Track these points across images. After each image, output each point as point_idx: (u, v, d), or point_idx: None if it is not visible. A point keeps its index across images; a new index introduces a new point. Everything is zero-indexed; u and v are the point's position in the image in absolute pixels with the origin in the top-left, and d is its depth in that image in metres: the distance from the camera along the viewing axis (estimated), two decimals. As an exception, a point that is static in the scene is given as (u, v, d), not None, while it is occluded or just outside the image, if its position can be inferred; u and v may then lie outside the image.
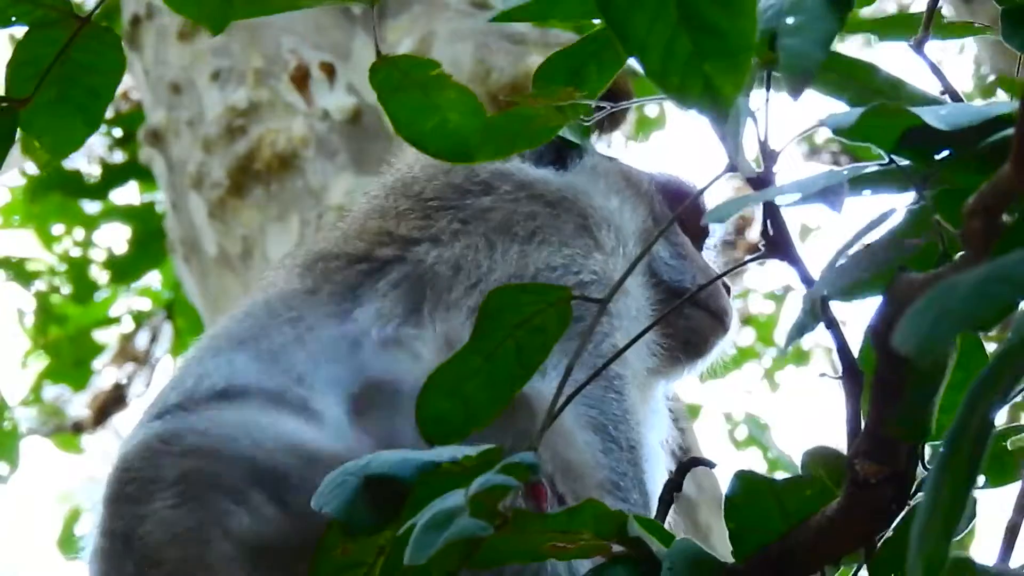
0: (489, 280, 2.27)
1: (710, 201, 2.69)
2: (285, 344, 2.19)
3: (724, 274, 1.93)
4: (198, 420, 2.04)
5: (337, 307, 2.28)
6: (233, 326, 2.28)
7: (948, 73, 1.76)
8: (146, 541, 1.95)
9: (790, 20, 1.41)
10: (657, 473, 2.46)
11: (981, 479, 1.66)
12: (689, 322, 2.55)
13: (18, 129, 1.76)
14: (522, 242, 2.35)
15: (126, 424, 8.92)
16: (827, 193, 1.32)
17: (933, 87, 1.75)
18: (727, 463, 8.58)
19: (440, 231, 2.37)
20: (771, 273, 9.95)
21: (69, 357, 8.43)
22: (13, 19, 1.71)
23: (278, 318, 2.24)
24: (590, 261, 2.37)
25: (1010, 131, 1.27)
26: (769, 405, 10.16)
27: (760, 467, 9.15)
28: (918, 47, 1.75)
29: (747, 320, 9.79)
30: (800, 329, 1.39)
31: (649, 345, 2.44)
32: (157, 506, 1.96)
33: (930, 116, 1.32)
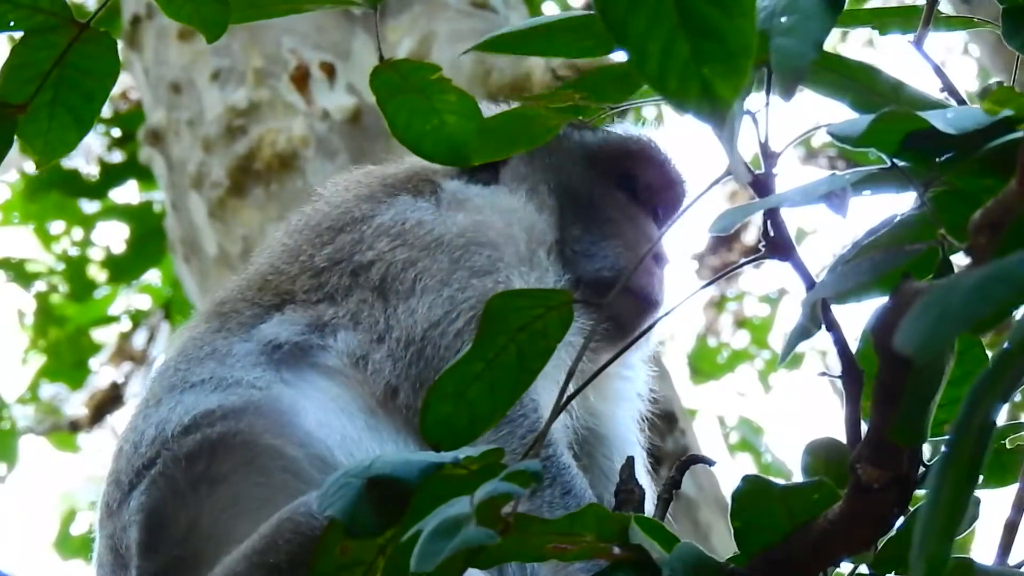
0: (391, 336, 2.39)
1: (707, 207, 2.69)
2: (214, 370, 2.33)
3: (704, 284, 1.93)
4: None
5: (246, 333, 2.47)
6: (158, 384, 2.45)
7: (952, 73, 1.76)
8: None
9: (783, 20, 1.41)
10: (634, 450, 2.48)
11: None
12: (613, 305, 2.51)
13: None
14: (406, 297, 2.46)
15: (121, 423, 8.89)
16: (831, 197, 1.31)
17: (934, 85, 1.75)
18: (722, 467, 8.57)
19: (333, 288, 2.51)
20: (766, 276, 9.95)
21: (68, 357, 8.42)
22: (11, 24, 1.71)
23: (195, 359, 2.42)
24: (468, 292, 2.46)
25: (1014, 135, 1.27)
26: (762, 407, 10.15)
27: (753, 471, 9.12)
28: (918, 44, 1.75)
29: (742, 323, 9.79)
30: (799, 335, 1.39)
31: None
32: None
33: (937, 120, 1.31)
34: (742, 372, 9.80)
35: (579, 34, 1.66)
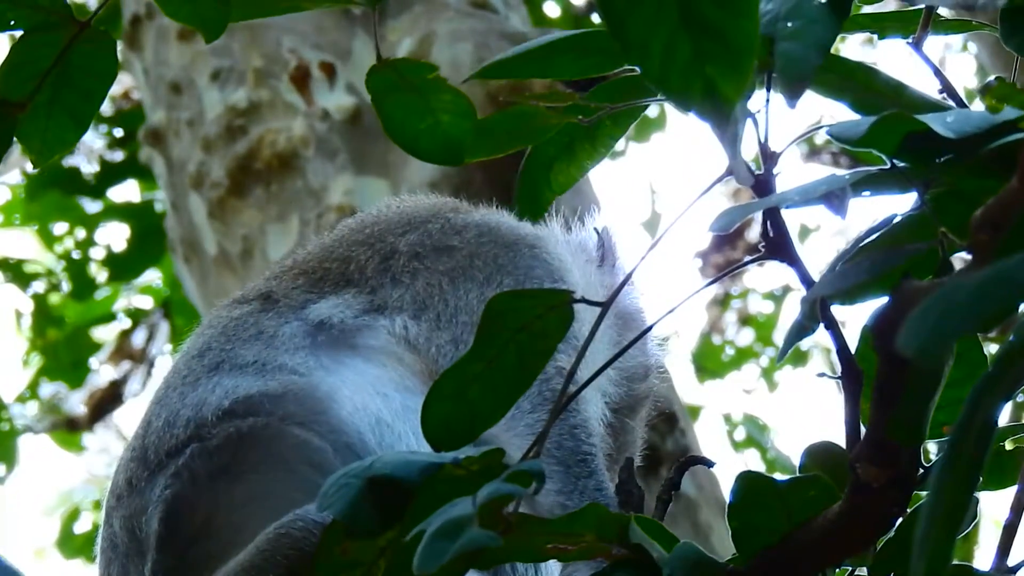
0: (458, 320, 2.40)
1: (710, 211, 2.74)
2: (259, 352, 2.30)
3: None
4: None
5: (294, 313, 2.40)
6: (197, 362, 2.42)
7: (950, 72, 1.77)
8: None
9: (788, 24, 1.41)
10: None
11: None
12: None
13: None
14: (481, 285, 2.52)
15: (123, 422, 8.93)
16: (830, 197, 1.31)
17: (934, 86, 1.75)
18: (726, 464, 8.60)
19: (400, 270, 2.54)
20: (770, 273, 9.96)
21: (67, 357, 8.42)
22: (12, 23, 1.71)
23: (239, 340, 2.37)
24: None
25: (1014, 136, 1.27)
26: (767, 405, 10.16)
27: (758, 468, 9.15)
28: (916, 45, 1.75)
29: (746, 320, 9.79)
30: (798, 333, 1.39)
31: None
32: None
33: (936, 123, 1.31)
34: (747, 370, 9.81)
35: (579, 53, 1.66)
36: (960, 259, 1.41)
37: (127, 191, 8.26)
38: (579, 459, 2.34)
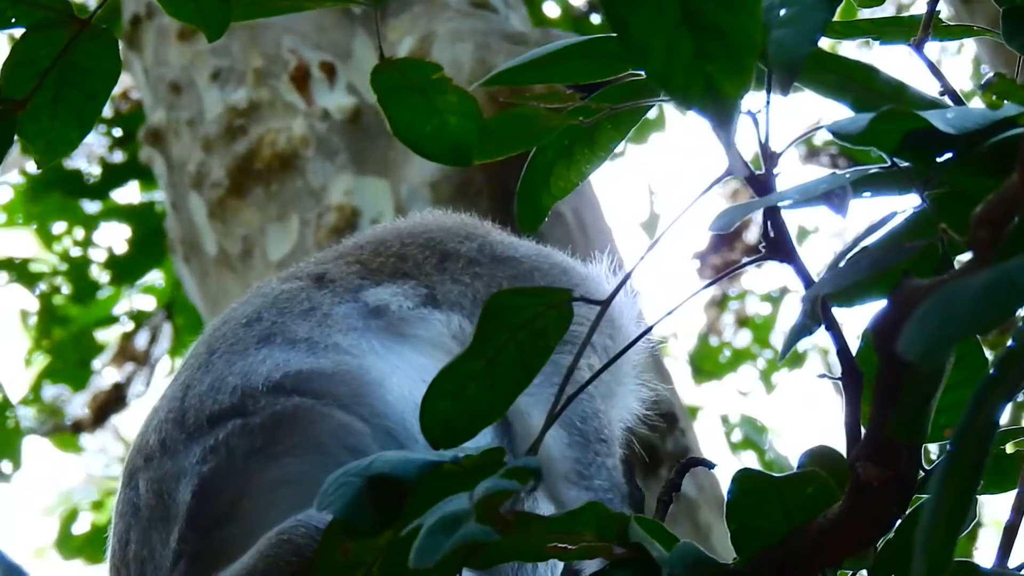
0: None
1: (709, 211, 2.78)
2: (312, 329, 2.31)
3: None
4: None
5: (349, 294, 2.42)
6: (244, 331, 2.38)
7: (947, 73, 1.77)
8: None
9: (782, 12, 1.41)
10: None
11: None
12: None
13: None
14: None
15: (126, 424, 8.93)
16: (831, 197, 1.31)
17: (933, 87, 1.75)
18: (724, 466, 8.60)
19: (459, 271, 2.59)
20: (768, 275, 9.96)
21: (71, 358, 8.42)
22: (13, 20, 1.70)
23: (291, 314, 2.37)
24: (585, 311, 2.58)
25: (1013, 131, 1.27)
26: (765, 407, 10.14)
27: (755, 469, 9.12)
28: (917, 48, 1.75)
29: (744, 322, 9.80)
30: (799, 332, 1.39)
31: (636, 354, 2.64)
32: None
33: (937, 119, 1.31)
34: (745, 371, 9.81)
35: (581, 60, 1.66)
36: (959, 263, 1.41)
37: (128, 192, 8.27)
38: (601, 438, 2.39)
